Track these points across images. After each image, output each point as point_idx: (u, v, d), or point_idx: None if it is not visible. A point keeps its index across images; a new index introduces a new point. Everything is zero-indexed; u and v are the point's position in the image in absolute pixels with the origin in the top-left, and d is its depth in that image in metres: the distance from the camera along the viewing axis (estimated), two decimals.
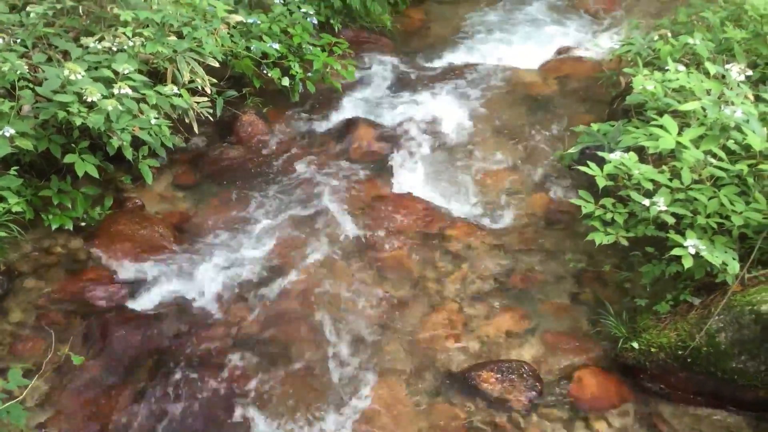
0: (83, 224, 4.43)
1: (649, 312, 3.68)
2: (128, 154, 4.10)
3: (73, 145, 4.13)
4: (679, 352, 3.39)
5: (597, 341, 3.87)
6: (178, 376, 3.64)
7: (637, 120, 4.16)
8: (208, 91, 4.76)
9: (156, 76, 4.61)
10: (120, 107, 3.91)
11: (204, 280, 4.21)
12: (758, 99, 3.79)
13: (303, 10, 5.62)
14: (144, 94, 4.15)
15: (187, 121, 4.70)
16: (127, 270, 4.24)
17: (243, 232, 4.52)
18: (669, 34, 4.69)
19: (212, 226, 4.58)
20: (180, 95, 4.37)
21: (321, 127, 5.56)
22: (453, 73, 6.25)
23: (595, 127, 4.40)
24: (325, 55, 5.55)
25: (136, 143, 4.24)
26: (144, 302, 4.09)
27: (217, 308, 4.05)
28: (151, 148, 4.33)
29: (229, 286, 4.17)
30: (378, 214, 4.68)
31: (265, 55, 5.27)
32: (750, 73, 3.80)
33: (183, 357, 3.74)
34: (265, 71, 5.35)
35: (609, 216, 3.68)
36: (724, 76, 3.79)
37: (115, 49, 4.29)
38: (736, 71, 3.72)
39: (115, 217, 4.51)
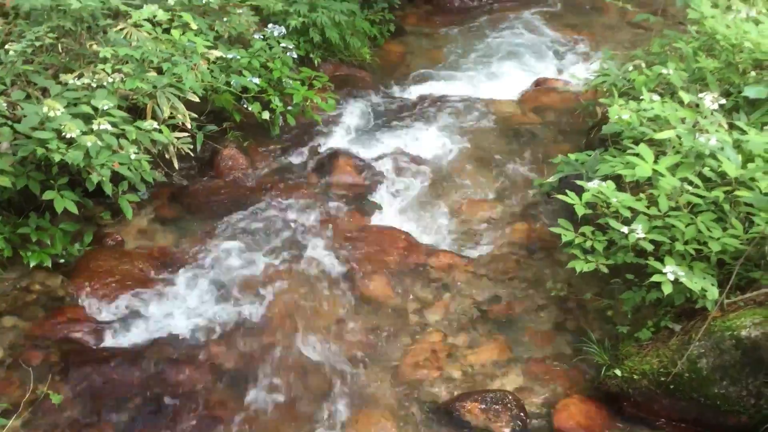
0: (62, 261, 4.39)
1: (631, 339, 3.70)
2: (108, 189, 4.09)
3: (52, 181, 4.11)
4: (662, 379, 3.40)
5: (580, 369, 3.88)
6: (159, 413, 3.59)
7: (613, 149, 4.22)
8: (189, 126, 4.76)
9: (136, 112, 4.61)
10: (99, 143, 3.91)
11: (185, 315, 4.17)
12: (732, 127, 3.86)
13: (283, 44, 5.66)
14: (124, 130, 4.15)
15: (167, 156, 4.70)
16: (106, 307, 4.19)
17: (224, 266, 4.49)
18: (643, 65, 4.77)
19: (193, 260, 4.55)
20: (160, 130, 4.37)
21: (301, 159, 5.57)
22: (432, 104, 6.31)
23: (573, 156, 4.45)
24: (305, 88, 5.58)
25: (116, 178, 4.22)
26: (124, 339, 4.04)
27: (199, 343, 4.01)
28: (131, 183, 4.31)
29: (210, 320, 4.13)
30: (359, 246, 4.68)
31: (245, 90, 5.29)
32: (723, 101, 3.87)
33: (164, 394, 3.69)
34: (245, 105, 5.37)
35: (589, 244, 3.71)
36: (698, 105, 3.86)
37: (94, 85, 4.29)
38: (710, 100, 3.79)
39: (94, 253, 4.48)
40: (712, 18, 4.55)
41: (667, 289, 3.23)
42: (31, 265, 4.21)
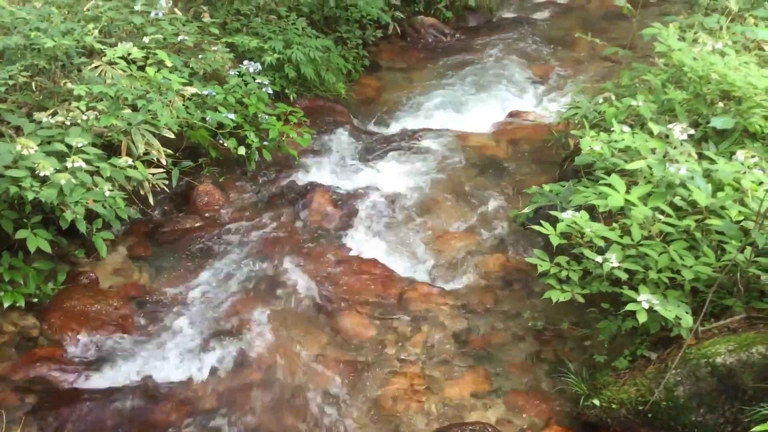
0: (35, 300, 4.32)
1: (608, 368, 3.71)
2: (82, 227, 4.05)
3: (25, 220, 4.07)
4: (640, 408, 3.41)
5: (559, 400, 3.87)
6: None
7: (586, 180, 4.27)
8: (164, 162, 4.76)
9: (111, 149, 4.60)
10: (73, 180, 3.90)
11: (160, 353, 4.12)
12: (701, 156, 3.93)
13: (258, 80, 5.70)
14: (98, 167, 4.13)
15: (142, 192, 4.68)
16: (81, 346, 4.13)
17: (200, 303, 4.46)
18: (613, 97, 4.86)
19: (169, 297, 4.52)
20: (135, 167, 4.36)
21: (278, 194, 5.57)
22: (407, 138, 6.37)
23: (547, 187, 4.50)
24: (281, 123, 5.61)
25: (90, 216, 4.19)
26: (99, 379, 3.97)
27: (175, 382, 3.95)
28: (106, 220, 4.29)
29: (186, 359, 4.09)
30: (336, 280, 4.68)
31: (221, 125, 5.30)
32: (692, 131, 3.94)
33: None
34: (221, 141, 5.38)
35: (564, 274, 3.74)
36: (667, 136, 3.93)
37: (68, 123, 4.29)
38: (679, 130, 3.86)
39: (68, 292, 4.42)
40: (679, 51, 4.65)
41: (642, 318, 3.25)
42: (5, 305, 4.14)
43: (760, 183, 3.45)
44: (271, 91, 5.83)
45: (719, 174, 3.56)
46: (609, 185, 3.63)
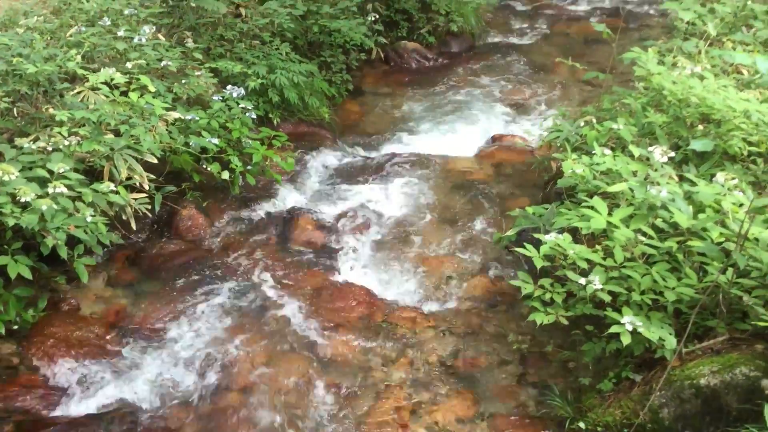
0: (15, 327, 4.26)
1: (593, 390, 3.71)
2: (63, 253, 4.02)
3: (5, 246, 4.03)
4: (625, 430, 3.40)
5: (545, 422, 3.85)
6: None
7: (569, 202, 4.30)
8: (146, 187, 4.74)
9: (93, 174, 4.58)
10: (55, 206, 3.87)
11: (142, 380, 4.08)
12: (682, 179, 3.97)
13: (242, 105, 5.70)
14: (80, 192, 4.11)
15: (124, 217, 4.66)
16: (61, 374, 4.08)
17: (182, 329, 4.42)
18: (594, 120, 4.91)
19: (151, 323, 4.47)
20: (117, 192, 4.34)
21: (262, 218, 5.56)
22: (391, 162, 6.38)
23: (530, 210, 4.52)
24: (264, 148, 5.61)
25: (72, 242, 4.16)
26: (80, 407, 3.93)
27: (156, 410, 3.91)
28: (87, 246, 4.25)
29: (168, 386, 4.04)
30: (321, 304, 4.66)
31: (204, 150, 5.29)
32: (672, 154, 3.99)
33: None
34: (204, 166, 5.37)
35: (548, 296, 3.75)
36: (648, 158, 3.97)
37: (50, 148, 4.27)
38: (659, 153, 3.91)
39: (49, 318, 4.37)
40: (658, 74, 4.71)
41: (626, 340, 3.26)
42: None
43: (741, 205, 3.49)
44: (254, 116, 5.83)
45: (700, 196, 3.60)
46: (591, 207, 3.65)
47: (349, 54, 7.95)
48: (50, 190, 3.91)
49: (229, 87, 5.82)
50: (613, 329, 3.32)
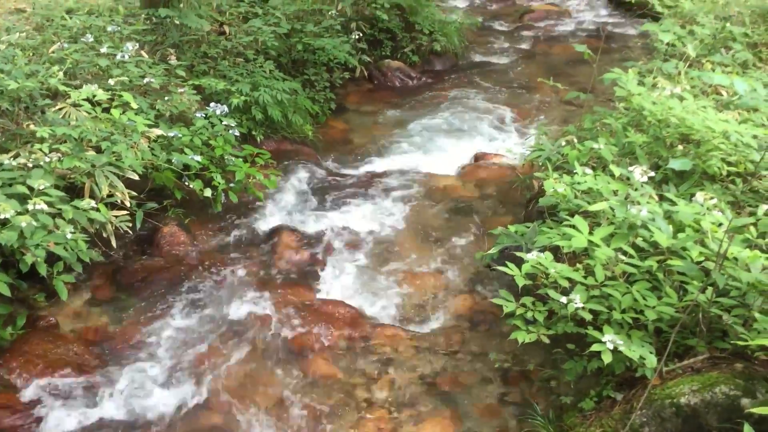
0: None
1: (575, 409, 3.70)
2: (42, 270, 3.98)
3: None
4: None
5: None
6: None
7: (551, 221, 4.32)
8: (128, 204, 4.72)
9: (74, 191, 4.55)
10: (34, 223, 3.84)
11: (121, 399, 4.03)
12: (662, 198, 4.00)
13: (225, 122, 5.70)
14: (60, 209, 4.08)
15: (105, 234, 4.62)
16: (39, 393, 4.01)
17: (162, 347, 4.38)
18: (575, 140, 4.94)
19: (130, 341, 4.43)
20: (97, 209, 4.31)
21: (244, 236, 5.54)
22: (374, 180, 6.40)
23: (512, 228, 4.53)
24: (247, 165, 5.60)
25: (51, 259, 4.12)
26: (56, 427, 3.87)
27: (134, 429, 3.86)
28: (67, 263, 4.22)
29: (148, 406, 4.00)
30: (303, 322, 4.64)
31: (186, 167, 5.28)
32: (652, 174, 4.02)
33: None
34: (186, 183, 5.35)
35: (530, 314, 3.75)
36: (628, 178, 4.00)
37: (30, 165, 4.24)
38: (639, 173, 3.94)
39: (27, 336, 4.32)
40: (638, 95, 4.76)
41: (607, 358, 3.26)
42: None
43: (720, 224, 3.52)
44: (238, 133, 5.83)
45: (680, 215, 3.62)
46: (573, 226, 3.67)
47: (333, 72, 7.99)
48: (30, 207, 3.89)
49: (212, 104, 5.82)
50: (594, 348, 3.33)
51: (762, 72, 5.99)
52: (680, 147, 4.54)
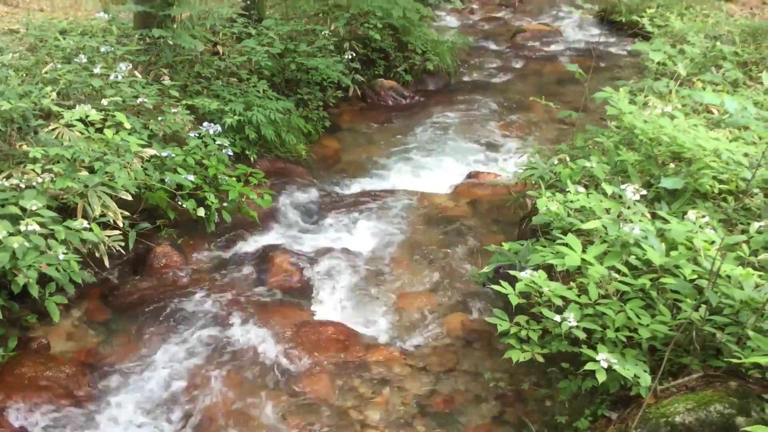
0: None
1: (570, 429, 3.69)
2: (34, 291, 3.96)
3: None
4: None
5: None
6: None
7: (544, 239, 4.32)
8: (120, 224, 4.70)
9: (66, 211, 4.54)
10: (27, 244, 3.83)
11: (114, 423, 3.99)
12: (654, 216, 4.01)
13: (218, 142, 5.71)
14: (52, 230, 4.07)
15: (97, 255, 4.60)
16: (29, 416, 3.97)
17: (154, 368, 4.35)
18: (568, 158, 4.96)
19: (122, 363, 4.40)
20: (90, 229, 4.30)
21: (238, 256, 5.53)
22: (368, 198, 6.40)
23: (506, 246, 4.54)
24: (241, 185, 5.61)
25: (43, 280, 4.10)
26: None
27: None
28: (59, 284, 4.20)
29: (139, 427, 3.96)
30: (297, 342, 4.61)
31: (179, 187, 5.28)
32: (644, 192, 4.04)
33: None
34: (180, 202, 5.34)
35: (524, 333, 3.74)
36: (620, 196, 4.02)
37: (23, 185, 4.23)
38: (631, 191, 3.95)
39: (18, 358, 4.28)
40: (630, 114, 4.79)
41: (602, 377, 3.26)
42: None
43: (712, 242, 3.53)
44: (231, 153, 5.84)
45: (672, 233, 3.63)
46: (566, 245, 3.67)
47: (326, 91, 8.02)
48: (22, 228, 3.87)
49: (205, 124, 5.83)
50: (589, 366, 3.32)
51: (752, 90, 6.04)
52: (672, 165, 4.56)
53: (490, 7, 13.68)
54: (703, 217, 3.75)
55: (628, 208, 3.87)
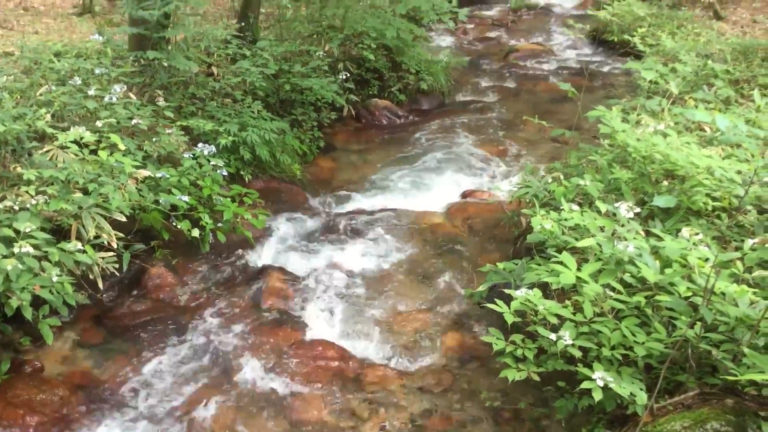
0: None
1: None
2: (27, 314, 3.94)
3: None
4: None
5: None
6: None
7: (539, 257, 4.33)
8: (115, 246, 4.69)
9: (60, 233, 4.53)
10: (20, 266, 3.81)
11: None
12: (648, 234, 4.02)
13: (212, 162, 5.71)
14: (46, 252, 4.06)
15: (91, 276, 4.59)
16: None
17: (148, 391, 4.32)
18: (562, 176, 4.98)
19: (116, 385, 4.37)
20: (84, 251, 4.29)
21: (232, 276, 5.52)
22: (362, 218, 6.40)
23: (501, 265, 4.54)
24: (235, 205, 5.60)
25: (37, 302, 4.08)
26: None
27: None
28: (53, 306, 4.18)
29: None
30: (291, 363, 4.59)
31: (174, 208, 5.27)
32: (638, 210, 4.05)
33: None
34: (174, 223, 5.33)
35: (520, 352, 3.73)
36: (614, 214, 4.02)
37: (17, 208, 4.23)
38: (625, 209, 3.96)
39: (12, 381, 4.25)
40: (623, 132, 4.81)
41: (598, 396, 3.25)
42: None
43: (706, 259, 3.54)
44: (226, 173, 5.85)
45: (666, 251, 3.64)
46: (561, 263, 3.67)
47: (320, 111, 8.05)
48: (16, 250, 3.86)
49: (200, 144, 5.84)
50: (585, 385, 3.31)
51: (744, 108, 6.08)
52: (665, 183, 4.58)
53: (483, 27, 13.79)
54: (697, 234, 3.76)
55: (622, 225, 3.87)
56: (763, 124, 5.20)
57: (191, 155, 5.70)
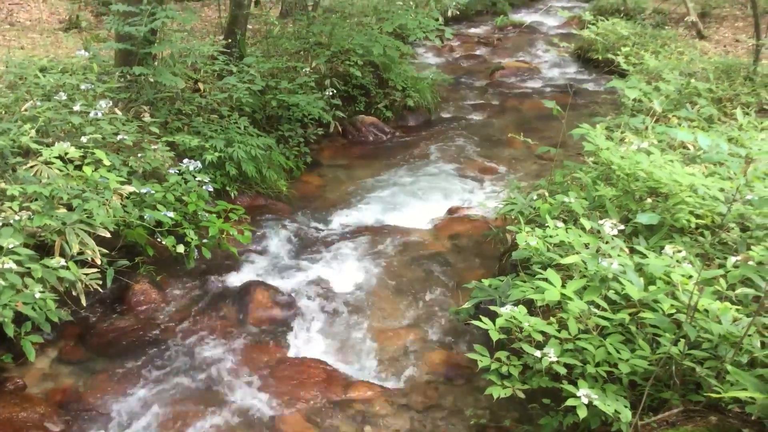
0: None
1: None
2: (9, 331, 3.90)
3: None
4: None
5: None
6: None
7: (524, 274, 4.33)
8: (98, 262, 4.66)
9: (44, 249, 4.49)
10: (2, 282, 3.78)
11: None
12: (633, 251, 4.04)
13: (198, 178, 5.70)
14: (29, 268, 4.02)
15: (75, 293, 4.55)
16: None
17: (131, 408, 4.28)
18: (547, 194, 5.00)
19: (99, 403, 4.33)
20: (68, 267, 4.26)
21: (217, 292, 5.49)
22: (348, 234, 6.40)
23: (486, 282, 4.54)
24: (221, 221, 5.59)
25: (19, 319, 4.05)
26: None
27: None
28: (35, 323, 4.14)
29: None
30: (277, 381, 4.57)
31: (159, 224, 5.25)
32: (622, 227, 4.06)
33: None
34: (159, 239, 5.31)
35: (505, 369, 3.73)
36: (599, 231, 4.04)
37: (0, 223, 4.19)
38: (609, 226, 3.98)
39: None
40: (606, 150, 4.85)
41: (582, 413, 3.24)
42: None
43: (690, 276, 3.56)
44: (211, 189, 5.83)
45: (650, 268, 3.65)
46: (546, 279, 3.68)
47: (307, 128, 8.06)
48: None
49: (186, 160, 5.82)
50: (570, 402, 3.31)
51: (727, 126, 6.14)
52: (649, 200, 4.61)
53: (469, 45, 13.89)
54: (681, 251, 3.78)
55: (607, 242, 3.89)
56: (745, 143, 5.26)
57: (177, 171, 5.68)
